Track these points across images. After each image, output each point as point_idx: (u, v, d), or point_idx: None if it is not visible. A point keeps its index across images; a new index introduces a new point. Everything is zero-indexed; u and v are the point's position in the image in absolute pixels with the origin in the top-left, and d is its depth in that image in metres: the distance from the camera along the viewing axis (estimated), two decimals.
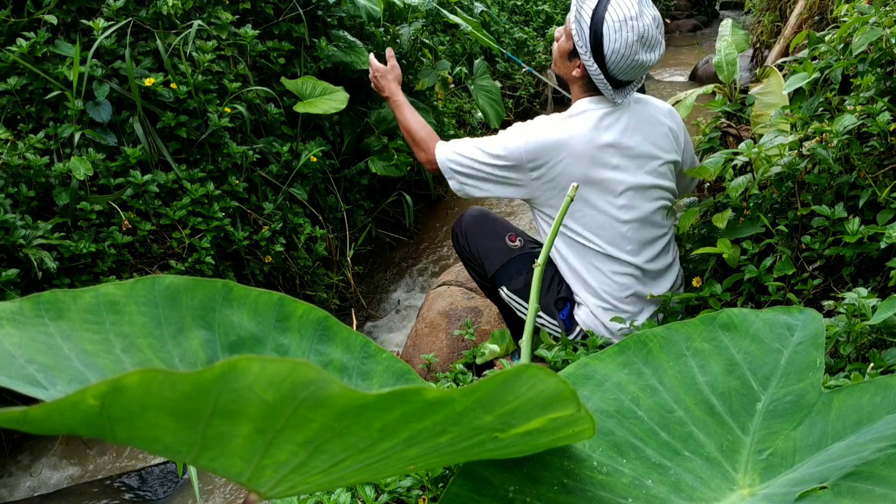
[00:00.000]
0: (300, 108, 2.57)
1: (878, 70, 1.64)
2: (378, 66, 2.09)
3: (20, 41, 2.14)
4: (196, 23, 2.36)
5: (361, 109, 3.01)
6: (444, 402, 0.50)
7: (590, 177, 1.69)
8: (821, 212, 1.53)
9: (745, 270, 1.62)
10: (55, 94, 2.16)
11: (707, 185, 2.23)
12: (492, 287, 1.95)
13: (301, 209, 2.69)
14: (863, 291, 1.27)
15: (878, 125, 1.51)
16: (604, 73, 1.65)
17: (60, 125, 2.17)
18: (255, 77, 2.60)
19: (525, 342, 0.95)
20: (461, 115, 4.07)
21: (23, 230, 1.94)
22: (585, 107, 1.73)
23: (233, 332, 0.74)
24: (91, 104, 2.20)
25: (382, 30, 3.12)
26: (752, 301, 1.67)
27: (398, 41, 3.06)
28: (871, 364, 1.19)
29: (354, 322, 2.24)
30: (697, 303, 1.72)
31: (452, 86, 3.32)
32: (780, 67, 2.40)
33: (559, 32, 1.76)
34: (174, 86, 2.31)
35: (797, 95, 1.97)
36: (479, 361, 2.04)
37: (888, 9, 1.65)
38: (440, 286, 2.57)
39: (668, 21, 9.10)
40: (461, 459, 0.70)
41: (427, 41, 3.20)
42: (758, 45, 4.07)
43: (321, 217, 2.78)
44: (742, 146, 1.71)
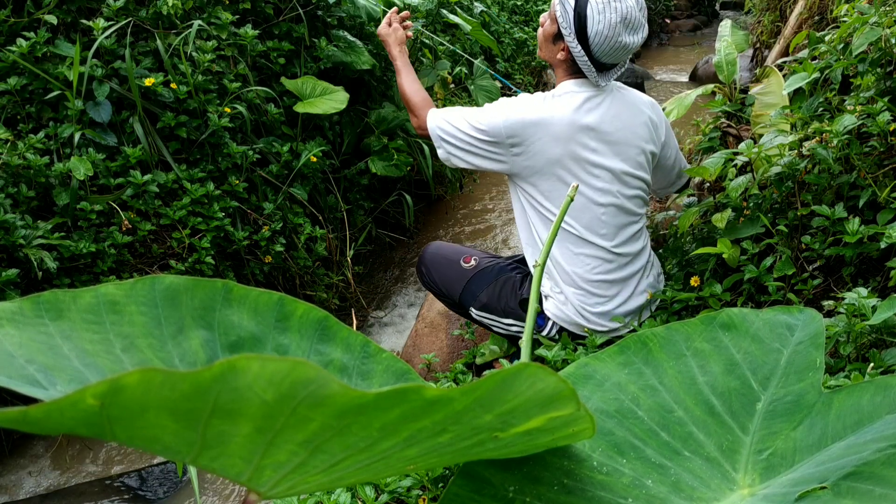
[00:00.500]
0: (300, 108, 2.58)
1: (878, 70, 1.64)
2: (381, 27, 2.07)
3: (20, 41, 2.14)
4: (196, 23, 2.36)
5: (361, 109, 3.01)
6: (444, 401, 0.50)
7: (568, 158, 1.70)
8: (821, 212, 1.53)
9: (745, 270, 1.62)
10: (55, 94, 2.16)
11: (707, 185, 2.23)
12: (464, 311, 2.00)
13: (301, 209, 2.69)
14: (863, 291, 1.27)
15: (878, 125, 1.51)
16: (588, 56, 1.67)
17: (60, 125, 2.17)
18: (255, 77, 2.60)
19: (525, 342, 0.96)
20: None
21: (23, 230, 1.94)
22: (569, 88, 1.74)
23: (233, 332, 0.74)
24: (91, 104, 2.20)
25: None
26: (752, 301, 1.67)
27: None
28: (871, 364, 1.19)
29: (354, 322, 2.24)
30: (697, 303, 1.72)
31: (452, 86, 3.31)
32: (780, 67, 2.40)
33: (544, 17, 1.78)
34: (174, 86, 2.31)
35: (797, 95, 1.97)
36: (479, 361, 2.04)
37: (888, 9, 1.65)
38: None
39: (668, 21, 9.10)
40: (461, 459, 0.69)
41: (428, 41, 3.20)
42: (758, 45, 4.08)
43: (321, 217, 2.78)
44: (742, 146, 1.71)
